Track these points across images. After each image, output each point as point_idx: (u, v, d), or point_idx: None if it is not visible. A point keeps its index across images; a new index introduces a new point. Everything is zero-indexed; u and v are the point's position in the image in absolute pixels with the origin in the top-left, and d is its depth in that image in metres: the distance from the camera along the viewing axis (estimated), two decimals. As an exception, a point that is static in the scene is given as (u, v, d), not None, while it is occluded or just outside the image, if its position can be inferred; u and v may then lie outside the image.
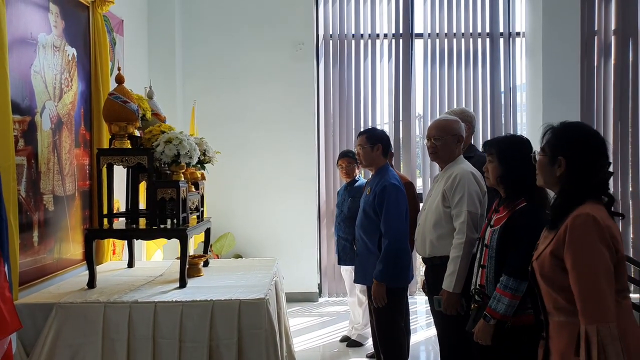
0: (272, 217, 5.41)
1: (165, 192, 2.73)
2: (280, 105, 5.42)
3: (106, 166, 2.80)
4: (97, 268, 2.84)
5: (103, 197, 2.83)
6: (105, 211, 2.86)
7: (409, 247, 3.06)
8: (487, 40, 5.63)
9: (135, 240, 3.30)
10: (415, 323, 4.63)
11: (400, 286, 3.01)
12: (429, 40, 5.65)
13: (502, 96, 5.66)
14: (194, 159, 2.78)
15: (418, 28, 5.68)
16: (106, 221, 2.87)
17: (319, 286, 5.59)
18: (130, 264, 3.32)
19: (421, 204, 3.23)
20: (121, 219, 3.13)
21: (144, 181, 3.05)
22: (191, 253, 3.70)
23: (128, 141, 2.79)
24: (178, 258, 3.02)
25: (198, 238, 4.47)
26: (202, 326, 2.38)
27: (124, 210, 3.31)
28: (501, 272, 2.15)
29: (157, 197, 2.74)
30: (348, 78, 5.62)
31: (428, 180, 5.66)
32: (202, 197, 3.38)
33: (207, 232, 3.45)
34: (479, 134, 5.47)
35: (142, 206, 3.25)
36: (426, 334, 4.51)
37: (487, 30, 5.63)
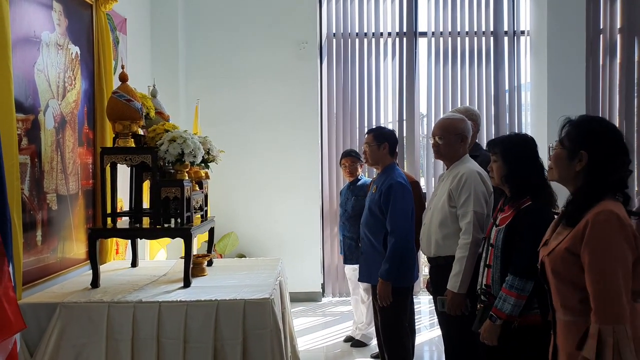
0: (275, 217, 5.39)
1: (169, 191, 2.72)
2: (283, 104, 5.41)
3: (110, 165, 2.79)
4: (101, 267, 2.82)
5: (107, 196, 2.81)
6: (108, 210, 2.84)
7: (415, 247, 3.04)
8: (492, 38, 5.60)
9: (138, 239, 3.29)
10: (419, 323, 4.61)
11: (405, 285, 2.99)
12: (433, 38, 5.63)
13: (507, 95, 5.63)
14: (198, 158, 2.76)
15: (422, 26, 5.65)
16: (110, 220, 2.86)
17: (322, 286, 5.58)
18: (133, 264, 3.31)
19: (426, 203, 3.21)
20: (124, 218, 3.12)
21: (148, 180, 3.03)
22: (195, 252, 3.68)
23: (132, 140, 2.78)
24: (182, 257, 3.01)
25: (201, 237, 4.45)
26: (207, 326, 2.36)
27: (127, 209, 3.30)
28: (507, 272, 2.14)
29: (161, 196, 2.72)
30: (352, 77, 5.60)
31: (431, 179, 5.64)
32: (206, 196, 3.37)
33: (211, 232, 3.44)
34: (484, 133, 5.45)
35: (146, 205, 3.24)
36: (430, 334, 4.49)
37: (492, 28, 5.60)
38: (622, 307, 1.49)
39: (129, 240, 3.43)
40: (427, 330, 4.61)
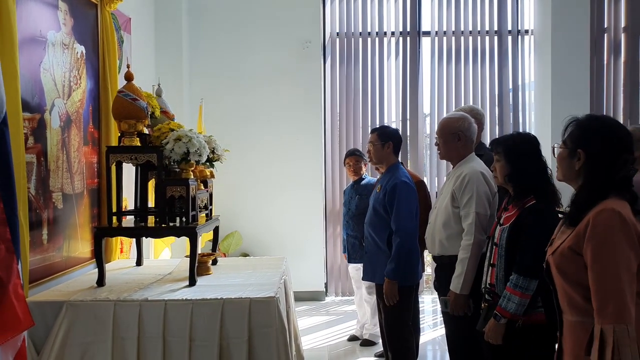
0: (279, 216, 5.40)
1: (174, 190, 2.72)
2: (287, 103, 5.41)
3: (115, 164, 2.79)
4: (106, 266, 2.83)
5: (112, 195, 2.82)
6: (114, 209, 2.85)
7: (419, 246, 3.05)
8: (495, 37, 5.60)
9: (143, 238, 3.30)
10: (422, 322, 4.60)
11: (408, 284, 2.99)
12: (437, 38, 5.63)
13: (511, 94, 5.63)
14: (204, 157, 2.77)
15: (425, 26, 5.65)
16: (115, 219, 2.87)
17: (326, 285, 5.58)
18: (138, 262, 3.31)
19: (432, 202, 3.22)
20: (129, 217, 3.13)
21: (153, 179, 3.04)
22: (199, 251, 3.69)
23: (137, 139, 2.78)
24: (187, 256, 3.02)
25: (205, 237, 4.46)
26: (213, 324, 2.36)
27: (132, 208, 3.31)
28: (511, 271, 2.14)
29: (167, 195, 2.73)
30: (355, 76, 5.60)
31: (435, 179, 5.64)
32: (211, 195, 3.37)
33: (216, 231, 3.44)
34: (487, 132, 5.44)
35: (151, 204, 3.24)
36: (433, 334, 4.49)
37: (495, 27, 5.60)
38: (624, 306, 1.46)
39: (134, 239, 3.45)
40: (431, 329, 4.61)
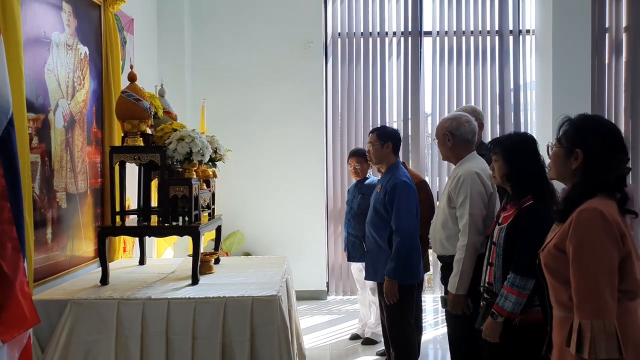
0: (281, 215, 5.42)
1: (177, 190, 2.74)
2: (289, 103, 5.43)
3: (118, 164, 2.82)
4: (109, 265, 2.85)
5: (115, 195, 2.84)
6: (117, 208, 2.87)
7: (420, 245, 3.06)
8: (497, 37, 5.61)
9: (146, 237, 3.32)
10: (424, 321, 4.62)
11: (410, 283, 3.01)
12: (438, 38, 5.64)
13: (512, 94, 5.63)
14: (206, 157, 2.79)
15: (427, 26, 5.66)
16: (118, 218, 2.89)
17: (327, 284, 5.60)
18: (141, 262, 3.34)
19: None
20: (132, 217, 3.15)
21: (156, 179, 3.06)
22: (202, 251, 3.71)
23: (140, 139, 2.81)
24: (189, 255, 3.04)
25: (208, 236, 4.49)
26: (215, 323, 2.39)
27: (135, 208, 3.33)
28: (508, 270, 2.16)
29: (170, 195, 2.75)
30: (357, 76, 5.62)
31: (436, 179, 5.65)
32: (213, 195, 3.39)
33: (218, 230, 3.47)
34: (488, 132, 5.45)
35: (154, 204, 3.26)
36: (435, 333, 4.50)
37: (497, 27, 5.60)
38: (603, 303, 1.48)
39: (137, 238, 3.47)
40: (432, 328, 4.63)
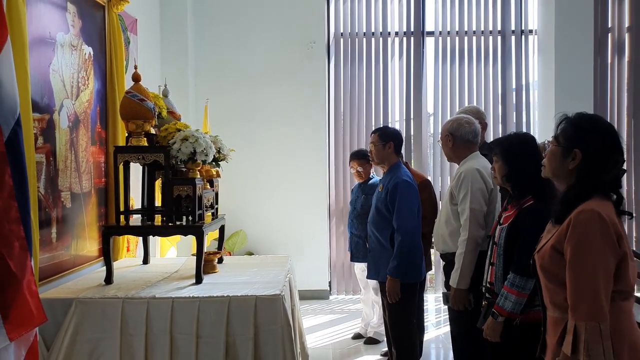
0: (283, 215, 5.43)
1: (181, 189, 2.76)
2: (291, 103, 5.45)
3: (122, 163, 2.83)
4: (113, 264, 2.87)
5: (120, 194, 2.86)
6: (121, 208, 2.89)
7: (421, 244, 3.08)
8: (499, 37, 5.61)
9: (150, 237, 3.34)
10: (426, 321, 4.63)
11: (412, 282, 3.02)
12: (440, 38, 5.64)
13: (514, 94, 5.63)
14: (210, 157, 2.81)
15: (429, 26, 5.67)
16: (122, 218, 2.91)
17: (330, 284, 5.61)
18: (145, 261, 3.36)
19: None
20: (136, 216, 3.17)
21: (160, 178, 3.08)
22: (205, 250, 3.73)
23: (144, 139, 2.82)
24: (193, 255, 3.05)
25: (211, 235, 4.50)
26: (219, 322, 2.40)
27: (139, 207, 3.35)
28: (509, 270, 2.18)
29: (174, 194, 2.76)
30: (359, 76, 5.63)
31: (439, 178, 5.66)
32: (217, 195, 3.41)
33: (222, 229, 3.48)
34: (490, 132, 5.45)
35: (158, 203, 3.28)
36: (437, 332, 4.51)
37: (499, 27, 5.61)
38: (598, 305, 1.48)
39: (141, 237, 3.48)
40: (434, 328, 4.64)
